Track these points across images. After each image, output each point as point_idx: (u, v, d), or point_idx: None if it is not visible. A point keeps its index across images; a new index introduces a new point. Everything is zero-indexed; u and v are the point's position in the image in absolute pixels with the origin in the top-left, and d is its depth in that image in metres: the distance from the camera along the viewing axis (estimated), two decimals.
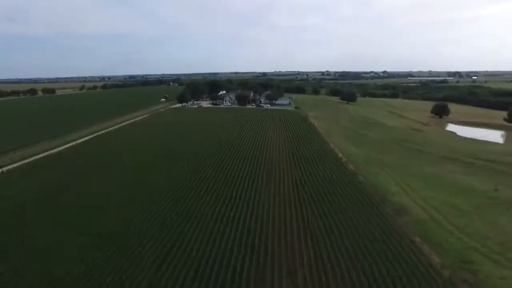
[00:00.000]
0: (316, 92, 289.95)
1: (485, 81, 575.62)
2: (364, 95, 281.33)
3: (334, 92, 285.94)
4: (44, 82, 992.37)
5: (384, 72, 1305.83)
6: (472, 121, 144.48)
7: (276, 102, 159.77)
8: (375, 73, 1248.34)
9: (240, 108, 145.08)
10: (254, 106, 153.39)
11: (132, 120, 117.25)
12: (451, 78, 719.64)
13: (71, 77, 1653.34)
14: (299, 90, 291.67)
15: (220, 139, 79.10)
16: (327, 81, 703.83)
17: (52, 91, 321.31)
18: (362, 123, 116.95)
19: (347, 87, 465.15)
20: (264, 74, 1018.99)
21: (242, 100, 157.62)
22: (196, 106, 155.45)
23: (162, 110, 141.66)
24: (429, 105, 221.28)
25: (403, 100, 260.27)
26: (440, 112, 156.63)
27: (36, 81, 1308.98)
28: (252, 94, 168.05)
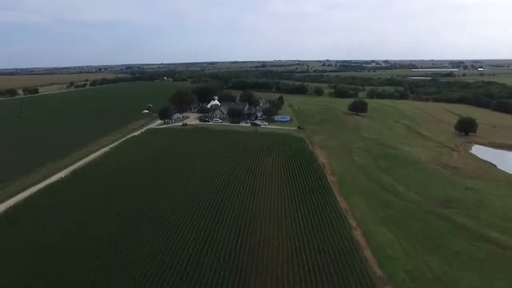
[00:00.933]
0: (318, 92, 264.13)
1: (493, 74, 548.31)
2: (371, 95, 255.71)
3: (338, 93, 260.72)
4: (40, 73, 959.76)
5: (386, 61, 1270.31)
6: (506, 144, 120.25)
7: (276, 118, 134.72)
8: (377, 62, 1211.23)
9: (231, 130, 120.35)
10: (249, 124, 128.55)
11: (78, 164, 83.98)
12: (456, 69, 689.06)
13: (68, 67, 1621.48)
14: (300, 90, 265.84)
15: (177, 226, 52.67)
16: (328, 72, 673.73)
17: (35, 90, 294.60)
18: (381, 157, 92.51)
19: (350, 81, 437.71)
20: (264, 64, 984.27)
21: (235, 115, 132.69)
22: (181, 124, 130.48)
23: (136, 134, 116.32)
24: (445, 110, 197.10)
25: (414, 102, 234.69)
26: (466, 128, 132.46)
27: (32, 71, 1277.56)
28: (247, 107, 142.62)
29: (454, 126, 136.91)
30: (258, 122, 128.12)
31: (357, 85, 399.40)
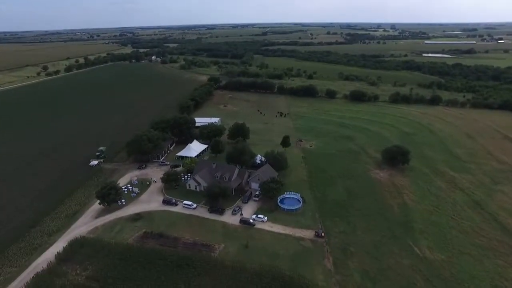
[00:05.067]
0: (331, 95, 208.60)
1: None
2: (395, 99, 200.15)
3: (354, 96, 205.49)
4: (28, 41, 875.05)
5: (393, 27, 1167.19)
6: None
7: (280, 199, 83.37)
8: (384, 28, 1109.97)
9: (206, 244, 70.56)
10: (237, 219, 78.08)
11: None
12: (474, 42, 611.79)
13: (61, 31, 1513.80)
14: (309, 91, 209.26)
15: None
16: (335, 45, 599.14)
17: None
18: None
19: (361, 62, 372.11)
20: (265, 32, 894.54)
21: (216, 197, 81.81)
22: (133, 214, 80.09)
23: (42, 268, 66.31)
24: (501, 135, 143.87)
25: (451, 114, 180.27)
26: None
27: (22, 36, 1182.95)
28: (236, 172, 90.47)
29: None
30: (251, 218, 77.42)
31: (370, 68, 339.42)
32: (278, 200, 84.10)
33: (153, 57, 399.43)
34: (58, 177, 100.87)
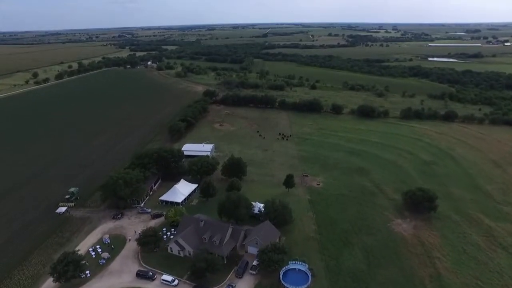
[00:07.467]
0: (337, 111, 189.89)
1: None
2: (407, 115, 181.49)
3: (362, 112, 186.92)
4: (25, 43, 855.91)
5: (395, 27, 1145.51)
6: None
7: (283, 272, 65.14)
8: (386, 29, 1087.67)
9: None
10: None
11: None
12: (480, 44, 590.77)
13: (61, 32, 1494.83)
14: (313, 106, 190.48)
15: None
16: (337, 48, 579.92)
17: None
18: None
19: (366, 68, 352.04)
20: (265, 34, 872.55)
21: (203, 273, 63.70)
22: None
23: None
24: None
25: (470, 132, 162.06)
26: None
27: (22, 36, 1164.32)
28: (229, 232, 71.92)
29: None
30: None
31: (375, 75, 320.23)
32: (281, 274, 65.93)
33: (148, 63, 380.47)
34: (15, 231, 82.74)
